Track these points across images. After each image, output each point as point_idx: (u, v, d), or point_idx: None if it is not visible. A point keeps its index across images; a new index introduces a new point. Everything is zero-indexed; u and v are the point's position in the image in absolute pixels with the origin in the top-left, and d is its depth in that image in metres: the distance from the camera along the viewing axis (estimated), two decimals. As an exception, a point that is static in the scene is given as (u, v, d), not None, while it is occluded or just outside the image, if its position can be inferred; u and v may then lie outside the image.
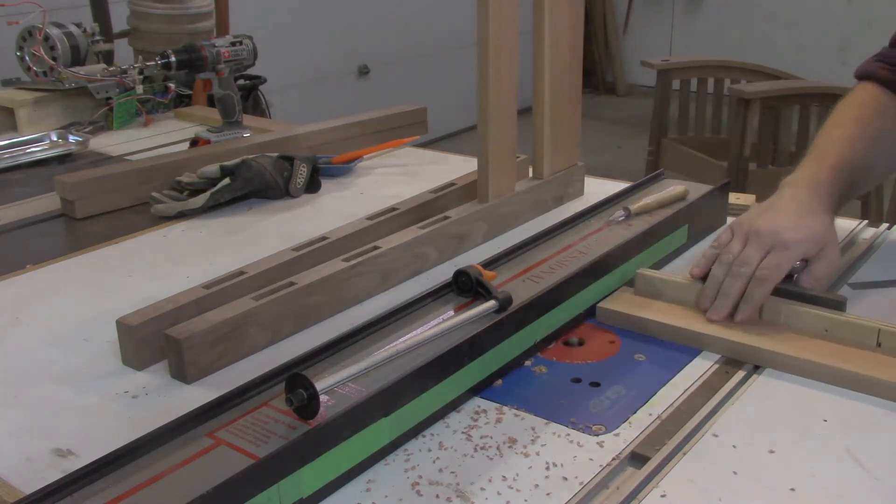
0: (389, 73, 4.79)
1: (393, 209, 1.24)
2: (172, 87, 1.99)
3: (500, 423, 0.83)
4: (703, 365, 0.92)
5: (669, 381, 0.89)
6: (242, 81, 2.36)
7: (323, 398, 0.75)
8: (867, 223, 1.27)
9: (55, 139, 1.79)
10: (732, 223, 1.02)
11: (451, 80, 4.93)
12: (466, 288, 0.98)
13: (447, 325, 0.89)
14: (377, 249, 1.11)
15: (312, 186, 1.48)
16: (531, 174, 1.37)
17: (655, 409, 0.84)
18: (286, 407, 0.75)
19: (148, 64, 1.65)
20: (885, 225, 1.26)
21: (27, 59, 1.91)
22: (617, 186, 1.37)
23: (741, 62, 3.30)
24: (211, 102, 1.98)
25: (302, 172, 1.46)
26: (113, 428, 0.84)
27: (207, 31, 2.24)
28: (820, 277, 0.98)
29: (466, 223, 1.22)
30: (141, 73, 1.70)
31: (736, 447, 0.78)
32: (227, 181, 1.39)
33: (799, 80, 3.12)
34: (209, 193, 1.38)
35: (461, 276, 0.98)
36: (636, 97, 5.85)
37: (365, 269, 1.08)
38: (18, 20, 1.90)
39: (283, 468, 0.69)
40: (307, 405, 0.74)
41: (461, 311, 0.94)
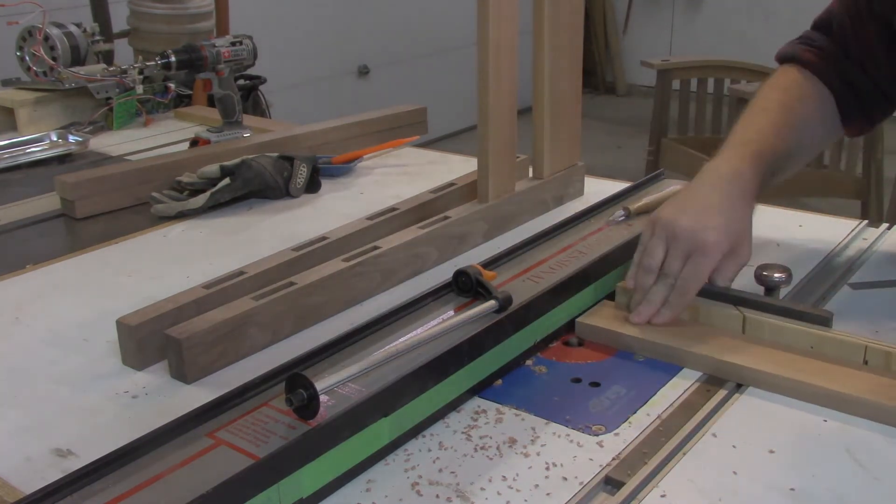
0: (389, 73, 4.79)
1: (393, 209, 1.24)
2: (172, 87, 1.99)
3: (500, 423, 0.83)
4: (682, 384, 0.88)
5: (669, 381, 0.89)
6: (242, 81, 2.37)
7: (323, 398, 0.75)
8: (867, 223, 1.27)
9: (55, 139, 1.79)
10: (653, 218, 0.99)
11: (451, 80, 4.93)
12: (466, 288, 0.98)
13: (447, 325, 0.89)
14: (377, 249, 1.11)
15: (312, 186, 1.48)
16: (531, 174, 1.37)
17: (655, 409, 0.84)
18: (286, 407, 0.75)
19: (148, 64, 1.65)
20: (885, 225, 1.26)
21: (27, 59, 1.91)
22: (617, 186, 1.37)
23: (741, 62, 3.30)
24: (211, 102, 1.98)
25: (302, 172, 1.46)
26: (113, 428, 0.84)
27: (207, 31, 2.24)
28: (729, 276, 0.97)
29: (466, 223, 1.22)
30: (141, 73, 1.70)
31: (736, 447, 0.78)
32: (227, 181, 1.39)
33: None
34: (209, 193, 1.38)
35: (461, 276, 0.98)
36: (636, 97, 5.85)
37: (365, 269, 1.08)
38: (18, 20, 1.90)
39: (283, 468, 0.69)
40: (307, 405, 0.74)
41: (461, 311, 0.94)
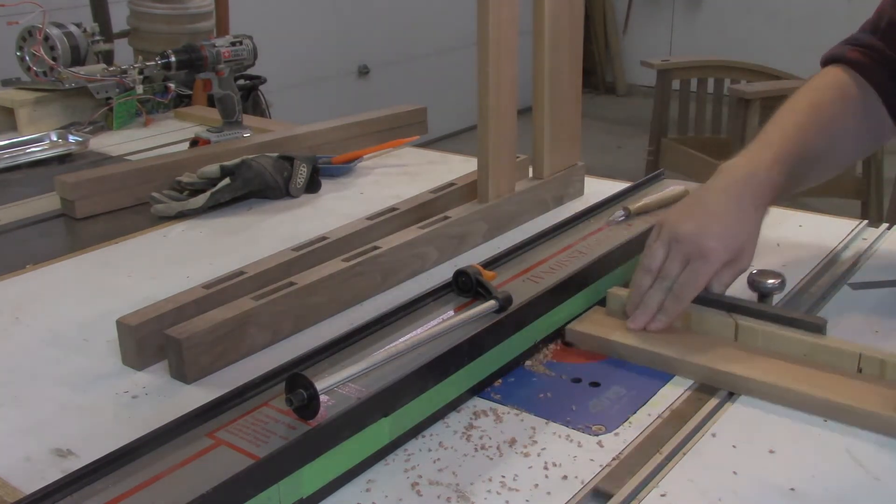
0: (389, 73, 4.79)
1: (393, 209, 1.24)
2: (172, 87, 1.99)
3: (499, 423, 0.83)
4: (677, 390, 0.87)
5: (670, 381, 0.89)
6: (242, 81, 2.37)
7: (323, 398, 0.75)
8: (867, 223, 1.27)
9: (55, 139, 1.79)
10: (659, 220, 0.98)
11: (451, 80, 4.93)
12: (466, 288, 0.98)
13: (447, 325, 0.89)
14: (377, 249, 1.11)
15: (312, 186, 1.48)
16: (531, 174, 1.37)
17: (656, 409, 0.84)
18: (286, 407, 0.75)
19: (148, 64, 1.65)
20: (885, 225, 1.26)
21: (27, 59, 1.91)
22: (617, 186, 1.37)
23: (741, 62, 3.30)
24: (211, 102, 1.98)
25: (302, 172, 1.46)
26: (113, 428, 0.84)
27: (207, 31, 2.24)
28: (726, 283, 0.95)
29: (466, 223, 1.22)
30: (141, 73, 1.70)
31: (736, 447, 0.78)
32: (227, 181, 1.39)
33: (799, 80, 3.08)
34: (209, 193, 1.38)
35: (461, 276, 0.98)
36: (636, 97, 5.85)
37: (365, 269, 1.08)
38: (18, 20, 1.90)
39: (283, 468, 0.69)
40: (307, 405, 0.74)
41: (461, 311, 0.94)
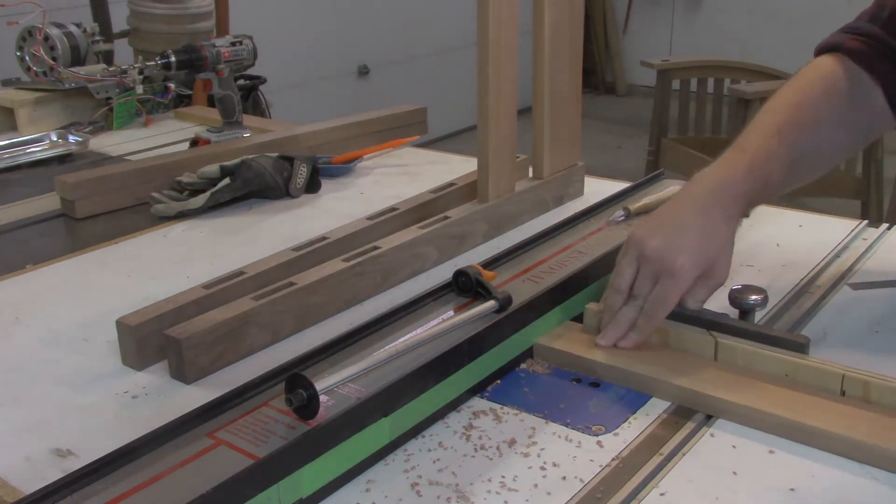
0: (389, 73, 4.79)
1: (393, 209, 1.24)
2: (172, 87, 1.99)
3: (499, 423, 0.83)
4: (653, 412, 0.84)
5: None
6: (242, 81, 2.37)
7: (323, 398, 0.75)
8: (867, 223, 1.27)
9: (55, 139, 1.79)
10: (629, 236, 0.94)
11: (451, 80, 4.93)
12: (466, 288, 0.98)
13: (447, 325, 0.89)
14: (377, 249, 1.11)
15: (312, 186, 1.48)
16: (531, 174, 1.37)
17: (655, 409, 0.84)
18: (286, 407, 0.75)
19: (148, 64, 1.65)
20: (885, 225, 1.26)
21: (27, 59, 1.91)
22: (617, 186, 1.37)
23: (741, 62, 3.30)
24: (211, 102, 1.98)
25: (302, 172, 1.46)
26: (113, 428, 0.84)
27: (207, 31, 2.24)
28: (701, 299, 0.93)
29: (466, 223, 1.22)
30: (141, 73, 1.70)
31: (736, 447, 0.78)
32: (227, 181, 1.39)
33: (799, 79, 3.11)
34: (209, 193, 1.38)
35: (461, 276, 0.98)
36: (636, 97, 5.85)
37: (365, 269, 1.08)
38: (18, 20, 1.90)
39: (283, 468, 0.69)
40: (307, 405, 0.74)
41: (461, 311, 0.94)
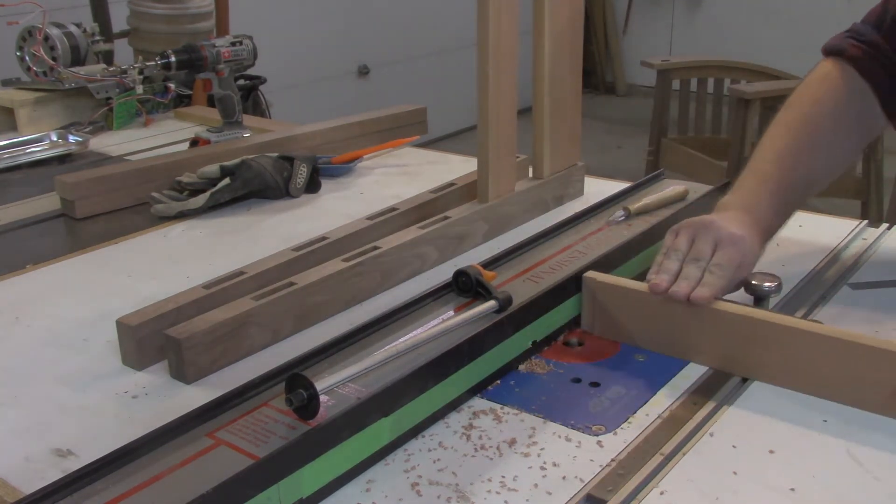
0: (389, 73, 4.79)
1: (393, 209, 1.24)
2: (172, 87, 1.99)
3: (499, 423, 0.83)
4: (682, 384, 0.88)
5: (669, 381, 0.89)
6: (242, 81, 2.37)
7: (323, 398, 0.75)
8: (867, 223, 1.27)
9: (55, 139, 1.79)
10: (676, 225, 0.98)
11: (451, 80, 4.93)
12: (466, 288, 0.98)
13: (447, 325, 0.89)
14: (377, 249, 1.11)
15: (312, 186, 1.48)
16: (531, 174, 1.37)
17: (655, 408, 0.84)
18: (286, 407, 0.75)
19: (148, 64, 1.65)
20: (885, 225, 1.26)
21: (27, 59, 1.91)
22: (617, 186, 1.37)
23: (741, 62, 3.29)
24: (211, 102, 1.98)
25: (302, 172, 1.46)
26: (113, 428, 0.84)
27: (207, 31, 2.24)
28: (729, 289, 0.94)
29: (466, 223, 1.22)
30: (141, 73, 1.70)
31: (736, 447, 0.78)
32: (226, 181, 1.39)
33: (799, 80, 3.10)
34: (209, 193, 1.38)
35: (461, 276, 0.98)
36: (636, 97, 5.85)
37: (365, 269, 1.08)
38: (18, 20, 1.90)
39: (283, 468, 0.69)
40: (307, 405, 0.74)
41: (461, 311, 0.94)
